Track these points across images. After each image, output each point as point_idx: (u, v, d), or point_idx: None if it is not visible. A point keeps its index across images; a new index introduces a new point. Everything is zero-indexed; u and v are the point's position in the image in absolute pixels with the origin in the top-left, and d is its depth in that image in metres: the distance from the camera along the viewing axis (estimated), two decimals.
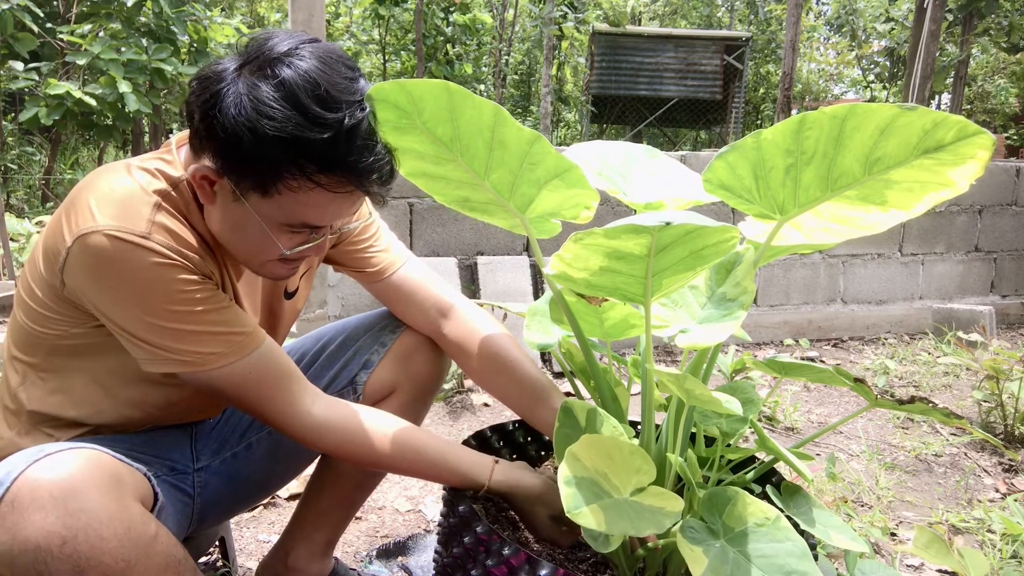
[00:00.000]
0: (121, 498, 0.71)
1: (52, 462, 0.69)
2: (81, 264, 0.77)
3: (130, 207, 0.78)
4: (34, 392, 0.89)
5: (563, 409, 0.90)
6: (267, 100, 0.74)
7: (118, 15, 6.23)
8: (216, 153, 0.79)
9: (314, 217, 0.83)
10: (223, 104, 0.75)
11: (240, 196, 0.80)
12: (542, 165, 0.86)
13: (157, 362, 0.82)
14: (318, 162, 0.76)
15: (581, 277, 0.82)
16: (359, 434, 0.92)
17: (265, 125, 0.74)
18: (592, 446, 0.80)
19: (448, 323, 1.10)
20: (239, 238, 0.85)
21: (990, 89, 11.89)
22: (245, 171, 0.78)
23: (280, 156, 0.75)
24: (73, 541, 0.66)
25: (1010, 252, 4.20)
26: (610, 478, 0.79)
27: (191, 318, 0.81)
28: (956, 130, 0.73)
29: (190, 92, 0.80)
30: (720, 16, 18.95)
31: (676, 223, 0.67)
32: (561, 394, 1.05)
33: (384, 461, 0.94)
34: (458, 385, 2.62)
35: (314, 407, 0.91)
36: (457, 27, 10.62)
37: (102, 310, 0.80)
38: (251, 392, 0.87)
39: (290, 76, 0.74)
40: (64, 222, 0.79)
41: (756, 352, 3.52)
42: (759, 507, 0.79)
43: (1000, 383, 2.20)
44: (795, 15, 7.48)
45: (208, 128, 0.77)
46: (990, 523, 1.66)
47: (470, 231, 3.30)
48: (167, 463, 0.96)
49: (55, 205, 7.23)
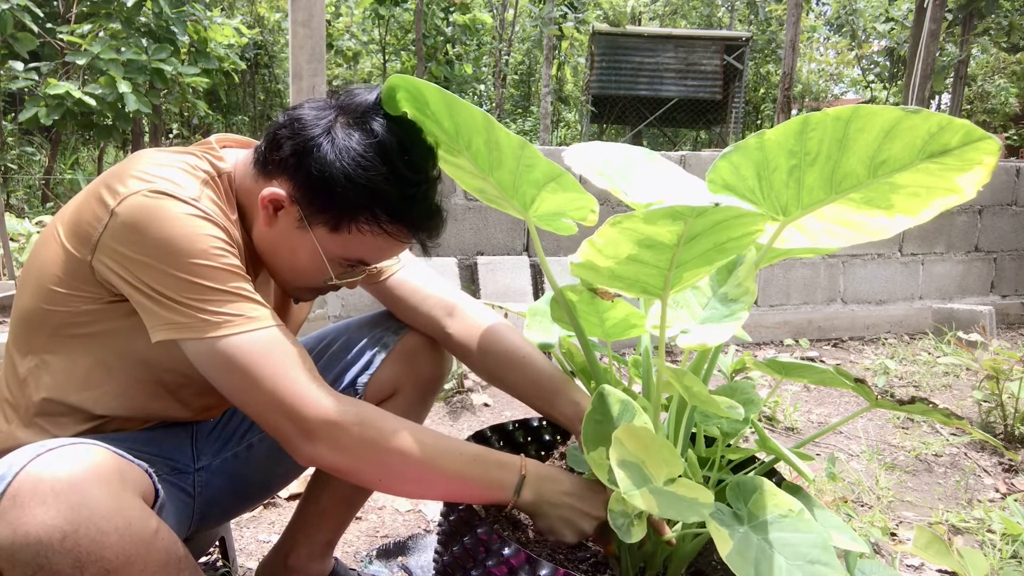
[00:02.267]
0: (122, 493, 0.71)
1: (54, 457, 0.69)
2: (126, 221, 0.78)
3: (180, 177, 0.83)
4: (36, 377, 0.88)
5: (598, 395, 0.90)
6: (364, 152, 0.85)
7: (118, 15, 6.23)
8: (298, 185, 0.87)
9: (371, 256, 0.93)
10: (321, 145, 0.85)
11: (307, 226, 0.88)
12: (537, 168, 0.87)
13: (171, 327, 0.78)
14: (391, 213, 0.88)
15: (607, 266, 0.81)
16: (378, 426, 0.83)
17: (359, 174, 0.84)
18: (631, 434, 0.81)
19: (454, 322, 1.10)
20: (289, 261, 0.92)
21: (990, 89, 11.90)
22: (324, 207, 0.87)
23: (361, 202, 0.86)
24: (74, 535, 0.66)
25: (1010, 252, 4.20)
26: (648, 466, 0.80)
27: (219, 277, 0.80)
28: (962, 134, 0.72)
29: (280, 124, 0.89)
30: (720, 16, 18.96)
31: (723, 205, 0.69)
32: (577, 387, 1.05)
33: (396, 462, 0.83)
34: (458, 385, 2.62)
35: (331, 395, 0.82)
36: (457, 27, 10.62)
37: (131, 270, 0.79)
38: (265, 366, 0.79)
39: (385, 136, 0.86)
40: (106, 193, 0.80)
41: (756, 352, 3.52)
42: (784, 498, 0.80)
43: (1000, 383, 2.20)
44: (795, 15, 7.48)
45: (299, 162, 0.86)
46: (990, 523, 1.66)
47: (470, 231, 3.30)
48: (168, 462, 0.95)
49: (55, 205, 7.23)
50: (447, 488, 0.88)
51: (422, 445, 0.84)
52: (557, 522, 0.89)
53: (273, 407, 0.80)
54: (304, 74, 2.72)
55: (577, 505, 0.89)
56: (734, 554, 0.72)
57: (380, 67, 11.81)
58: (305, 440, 0.81)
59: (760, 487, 0.82)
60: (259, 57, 12.00)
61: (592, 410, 0.88)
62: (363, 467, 0.84)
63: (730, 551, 0.72)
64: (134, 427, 0.95)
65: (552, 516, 0.89)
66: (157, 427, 0.98)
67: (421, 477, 0.85)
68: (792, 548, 0.74)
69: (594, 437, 0.86)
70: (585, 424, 0.87)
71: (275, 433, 0.82)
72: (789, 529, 0.77)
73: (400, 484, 0.86)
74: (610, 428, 0.87)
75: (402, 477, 0.85)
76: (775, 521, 0.78)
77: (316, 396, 0.81)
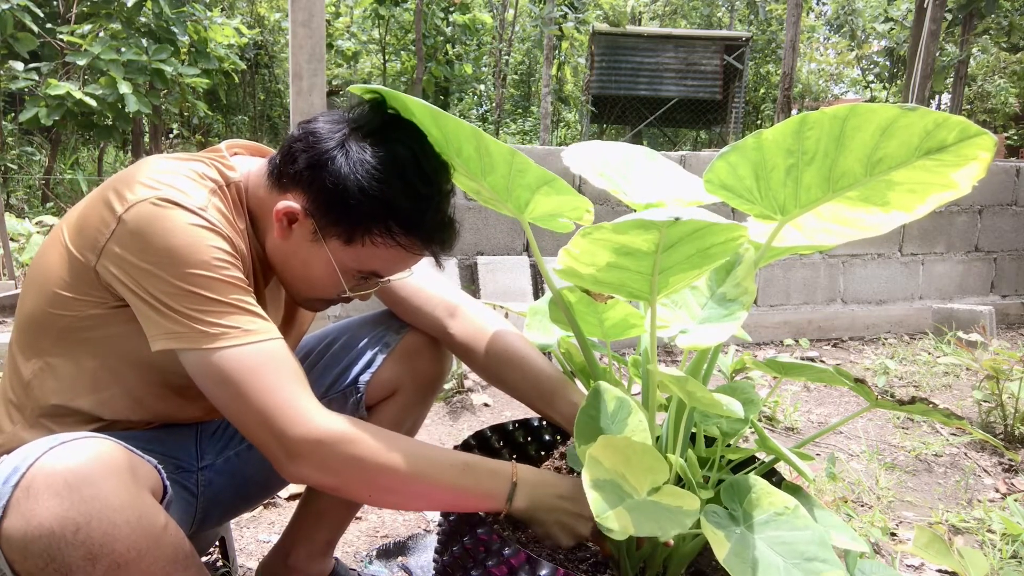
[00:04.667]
0: (134, 487, 0.71)
1: (67, 450, 0.69)
2: (132, 228, 0.78)
3: (187, 185, 0.84)
4: (42, 380, 0.88)
5: (594, 391, 0.90)
6: (378, 165, 0.86)
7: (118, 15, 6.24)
8: (313, 197, 0.87)
9: (383, 268, 0.94)
10: (336, 159, 0.86)
11: (321, 238, 0.89)
12: (528, 173, 0.88)
13: (169, 337, 0.79)
14: (404, 226, 0.88)
15: (588, 273, 0.82)
16: (364, 443, 0.81)
17: (373, 187, 0.85)
18: (609, 447, 0.80)
19: (456, 322, 1.11)
20: (302, 273, 0.93)
21: (990, 89, 11.89)
22: (338, 220, 0.87)
23: (375, 214, 0.86)
24: (87, 528, 0.66)
25: (1010, 252, 4.20)
26: (628, 479, 0.78)
27: (219, 288, 0.80)
28: (958, 131, 0.73)
29: (295, 138, 0.89)
30: (720, 16, 18.95)
31: (685, 219, 0.67)
32: (576, 387, 1.05)
33: (385, 479, 0.82)
34: (458, 385, 2.62)
35: (318, 413, 0.81)
36: (457, 27, 10.62)
37: (134, 277, 0.79)
38: (255, 381, 0.79)
39: (399, 150, 0.87)
40: (113, 198, 0.80)
41: (756, 352, 3.52)
42: (778, 497, 0.80)
43: (1000, 383, 2.20)
44: (795, 15, 7.48)
45: (313, 176, 0.86)
46: (990, 523, 1.66)
47: (470, 231, 3.30)
48: (173, 461, 0.96)
49: (55, 205, 7.23)
50: (439, 500, 0.87)
51: (411, 459, 0.83)
52: (553, 527, 0.89)
53: (260, 424, 0.79)
54: (304, 74, 2.72)
55: (572, 508, 0.89)
56: (731, 556, 0.71)
57: (380, 67, 11.80)
58: (289, 460, 0.80)
59: (754, 486, 0.82)
60: (259, 57, 12.00)
61: (587, 405, 0.88)
62: (350, 485, 0.84)
63: (727, 554, 0.72)
64: (140, 427, 0.95)
65: (548, 521, 0.89)
66: (162, 426, 0.98)
67: (411, 491, 0.85)
68: (789, 547, 0.74)
69: (586, 433, 0.86)
70: (578, 418, 0.87)
71: (262, 450, 0.82)
72: (785, 527, 0.76)
73: (390, 498, 0.87)
74: (603, 423, 0.87)
75: (391, 492, 0.85)
76: (771, 520, 0.78)
77: (303, 415, 0.79)
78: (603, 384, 0.91)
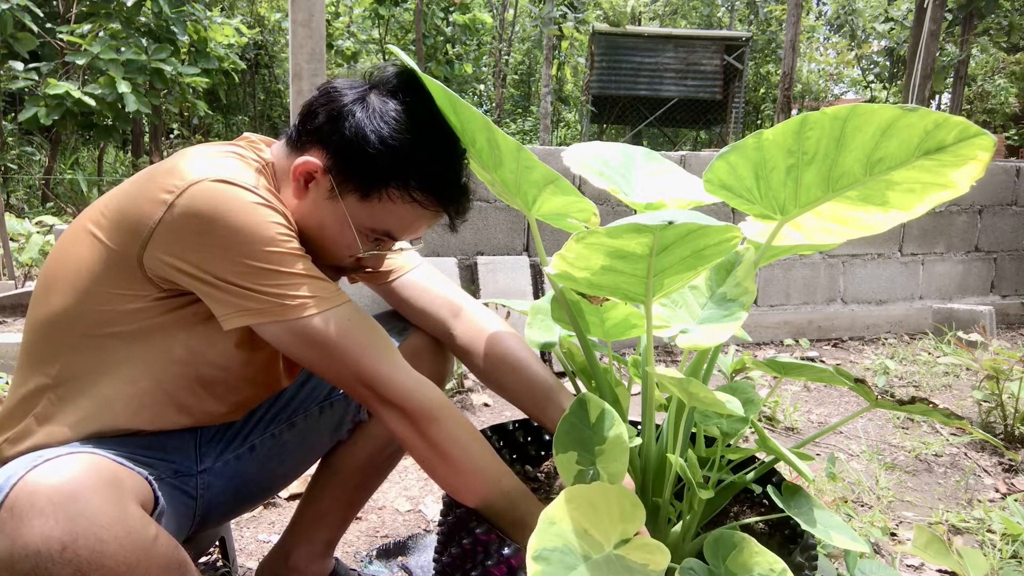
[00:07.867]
0: (121, 501, 0.70)
1: (51, 467, 0.68)
2: (189, 211, 0.78)
3: (235, 167, 0.84)
4: (52, 417, 0.85)
5: (578, 400, 0.89)
6: (397, 117, 0.87)
7: (118, 15, 6.24)
8: (332, 151, 0.88)
9: (397, 228, 0.93)
10: (355, 112, 0.87)
11: (338, 195, 0.89)
12: (535, 170, 0.89)
13: (245, 314, 0.81)
14: (421, 180, 0.89)
15: (583, 276, 0.82)
16: (450, 416, 0.90)
17: (392, 136, 0.86)
18: (572, 501, 0.74)
19: (458, 323, 1.11)
20: (317, 235, 0.92)
21: (990, 89, 11.90)
22: (355, 172, 0.88)
23: (391, 165, 0.87)
24: (73, 546, 0.65)
25: (1010, 252, 4.20)
26: (591, 533, 0.73)
27: (289, 261, 0.82)
28: (957, 131, 0.73)
29: (315, 97, 0.91)
30: (720, 16, 18.96)
31: (678, 222, 0.67)
32: (569, 394, 1.05)
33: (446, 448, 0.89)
34: (458, 385, 2.62)
35: (406, 371, 0.90)
36: (457, 27, 10.63)
37: (193, 261, 0.79)
38: (345, 342, 0.85)
39: (419, 106, 0.89)
40: (157, 188, 0.80)
41: (756, 352, 3.52)
42: (765, 557, 0.75)
43: (1000, 383, 2.20)
44: (795, 15, 7.49)
45: (333, 128, 0.88)
46: (990, 523, 1.66)
47: (470, 231, 3.30)
48: (172, 465, 0.95)
49: (55, 205, 7.23)
50: (470, 501, 0.92)
51: (478, 451, 0.91)
52: None
53: (355, 379, 0.87)
54: (304, 74, 2.72)
55: None
56: None
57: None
58: (383, 407, 0.88)
59: (740, 544, 0.76)
60: (259, 57, 12.01)
61: (570, 413, 0.88)
62: (418, 443, 0.90)
63: None
64: (147, 432, 0.93)
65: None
66: (161, 432, 0.97)
67: (458, 475, 0.91)
68: None
69: (566, 440, 0.85)
70: (560, 425, 0.87)
71: (356, 399, 0.90)
72: None
73: (442, 470, 0.92)
74: (585, 433, 0.87)
75: (445, 462, 0.91)
76: None
77: (393, 367, 0.88)
78: (588, 394, 0.91)
